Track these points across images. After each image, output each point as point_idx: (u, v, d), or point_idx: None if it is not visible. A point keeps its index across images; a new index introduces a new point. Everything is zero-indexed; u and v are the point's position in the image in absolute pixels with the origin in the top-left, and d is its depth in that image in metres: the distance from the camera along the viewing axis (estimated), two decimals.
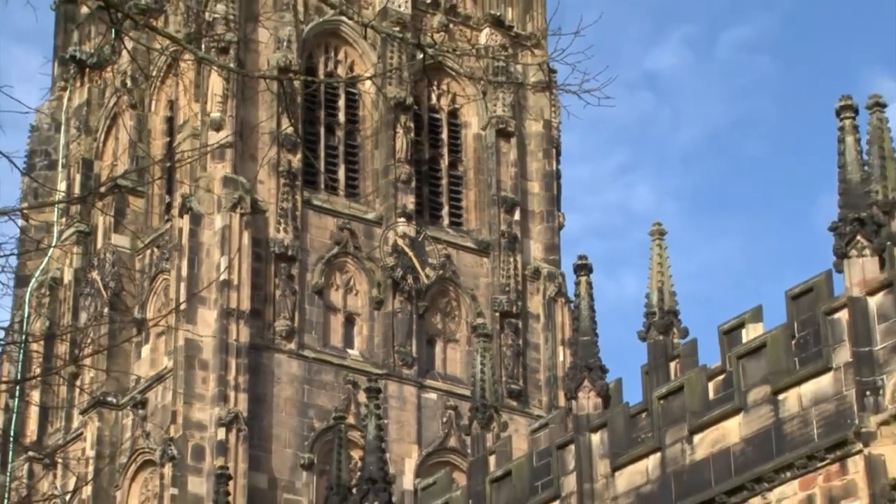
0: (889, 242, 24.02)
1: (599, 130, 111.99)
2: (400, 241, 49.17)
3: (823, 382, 23.71)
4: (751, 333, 26.15)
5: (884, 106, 26.58)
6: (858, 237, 23.73)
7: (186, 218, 47.24)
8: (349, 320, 48.86)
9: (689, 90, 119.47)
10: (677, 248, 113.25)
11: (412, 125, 50.93)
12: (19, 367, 42.39)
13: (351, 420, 43.74)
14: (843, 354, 23.44)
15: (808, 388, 23.91)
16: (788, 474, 23.83)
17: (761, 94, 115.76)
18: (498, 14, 53.63)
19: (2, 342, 25.79)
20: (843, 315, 23.61)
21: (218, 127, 47.94)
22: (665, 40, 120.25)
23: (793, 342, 24.58)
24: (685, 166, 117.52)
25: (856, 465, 23.00)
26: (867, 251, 23.65)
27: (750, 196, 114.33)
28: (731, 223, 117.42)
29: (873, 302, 23.33)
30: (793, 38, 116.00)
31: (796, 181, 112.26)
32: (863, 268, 23.59)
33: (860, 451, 22.87)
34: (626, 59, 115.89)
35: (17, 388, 47.47)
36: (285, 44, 49.39)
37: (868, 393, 22.87)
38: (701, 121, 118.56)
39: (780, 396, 24.24)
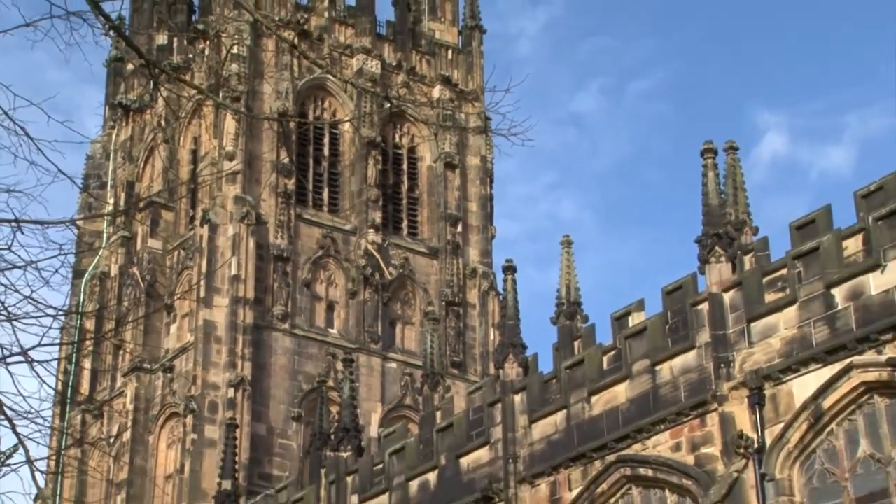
0: (739, 252, 24.18)
1: (535, 156, 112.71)
2: (370, 247, 49.21)
3: (689, 357, 23.66)
4: (635, 320, 25.99)
5: (736, 149, 26.87)
6: (716, 248, 23.73)
7: (206, 227, 47.08)
8: (330, 307, 48.82)
9: (603, 127, 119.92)
10: (592, 249, 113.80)
11: (380, 158, 50.90)
12: (75, 339, 42.24)
13: (330, 383, 43.65)
14: (704, 336, 23.40)
15: (678, 362, 23.86)
16: (662, 426, 23.74)
17: (658, 133, 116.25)
18: (447, 75, 53.82)
19: (62, 320, 25.87)
20: (704, 307, 23.58)
21: (231, 157, 47.81)
22: (586, 88, 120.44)
23: (667, 327, 24.54)
24: (599, 186, 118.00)
25: (713, 420, 22.93)
26: (723, 258, 23.68)
27: (645, 212, 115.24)
28: (631, 232, 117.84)
29: (727, 297, 23.30)
30: (685, 89, 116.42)
31: (679, 202, 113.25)
32: (719, 271, 23.59)
33: (716, 410, 22.84)
34: (556, 102, 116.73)
35: (74, 355, 47.37)
36: (283, 94, 49.30)
37: (722, 365, 22.86)
38: (611, 151, 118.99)
39: (657, 368, 24.18)
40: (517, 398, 26.77)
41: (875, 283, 20.98)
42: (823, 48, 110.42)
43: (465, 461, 27.63)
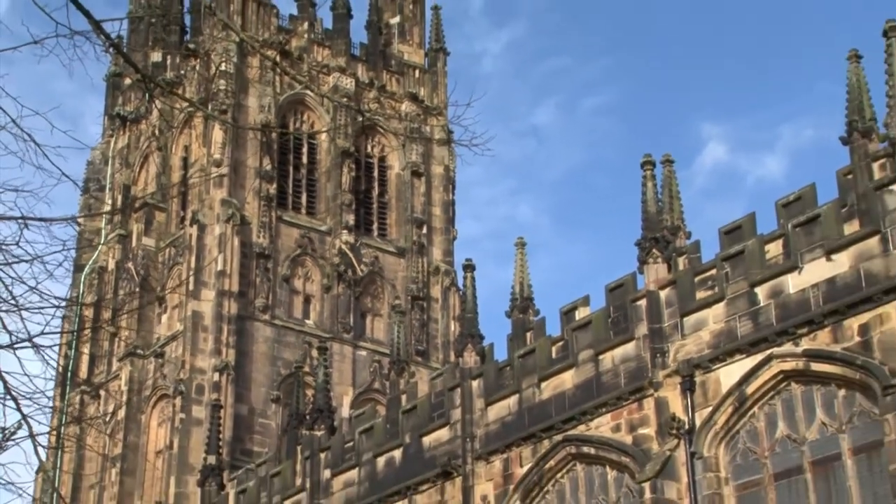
0: (674, 254, 24.25)
1: (497, 164, 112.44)
2: (343, 246, 49.20)
3: (629, 348, 23.71)
4: (581, 314, 26.00)
5: (672, 162, 26.77)
6: (654, 250, 23.81)
7: (195, 227, 46.98)
8: (307, 300, 48.78)
9: (558, 139, 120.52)
10: (546, 249, 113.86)
11: (353, 166, 50.94)
12: (76, 326, 42.07)
13: (306, 369, 43.67)
14: (642, 329, 23.47)
15: (619, 352, 23.90)
16: (604, 410, 23.75)
17: (607, 144, 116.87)
18: (414, 92, 53.94)
19: (64, 309, 25.66)
20: (642, 303, 23.65)
21: (218, 164, 47.69)
22: (543, 104, 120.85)
23: (609, 320, 24.60)
24: (553, 192, 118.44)
25: (649, 404, 23.01)
26: (659, 260, 23.75)
27: (593, 217, 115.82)
28: (580, 235, 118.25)
29: (663, 294, 23.39)
30: (634, 104, 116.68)
31: (624, 208, 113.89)
32: (656, 271, 23.67)
33: (652, 395, 22.93)
34: (516, 115, 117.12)
35: (74, 341, 47.18)
36: (266, 107, 49.19)
37: (658, 355, 22.95)
38: (565, 161, 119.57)
39: (600, 357, 24.21)
40: (475, 383, 26.80)
41: (793, 283, 21.16)
42: (761, 67, 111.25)
43: (427, 440, 27.66)
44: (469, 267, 29.37)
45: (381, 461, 28.72)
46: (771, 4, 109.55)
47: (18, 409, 11.85)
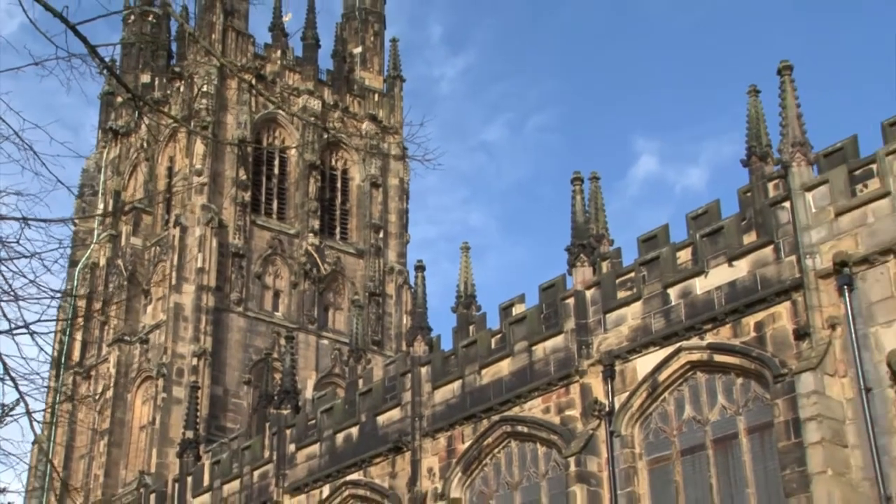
0: (598, 259, 24.21)
1: (452, 175, 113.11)
2: (309, 248, 49.20)
3: (558, 340, 23.70)
4: (517, 309, 25.91)
5: (598, 178, 26.68)
6: (581, 255, 23.88)
7: (178, 229, 46.80)
8: (276, 294, 48.68)
9: (506, 154, 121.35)
10: (493, 250, 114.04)
11: (319, 177, 50.94)
12: (70, 315, 41.70)
13: (275, 355, 43.54)
14: (570, 324, 23.47)
15: (550, 343, 23.89)
16: (536, 394, 23.79)
17: (550, 159, 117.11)
18: (373, 113, 53.99)
19: (59, 300, 25.46)
20: (571, 301, 23.67)
21: (199, 174, 47.58)
22: (494, 122, 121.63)
23: (542, 315, 24.62)
24: (501, 201, 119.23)
25: (575, 389, 23.04)
26: (586, 264, 23.81)
27: (535, 224, 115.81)
28: (523, 239, 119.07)
29: (588, 293, 23.43)
30: (575, 122, 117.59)
31: (562, 217, 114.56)
32: (583, 273, 23.72)
33: (577, 381, 22.96)
34: (469, 132, 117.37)
35: (68, 329, 46.83)
36: (243, 125, 49.11)
37: (583, 347, 22.97)
38: (512, 173, 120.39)
39: (533, 348, 24.20)
40: (423, 370, 26.78)
41: (700, 285, 21.32)
42: (688, 90, 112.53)
43: (381, 419, 27.61)
44: (420, 268, 29.37)
45: (339, 437, 28.66)
46: (695, 38, 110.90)
47: (16, 389, 11.78)
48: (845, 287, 18.80)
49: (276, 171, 51.25)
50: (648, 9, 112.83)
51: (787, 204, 20.13)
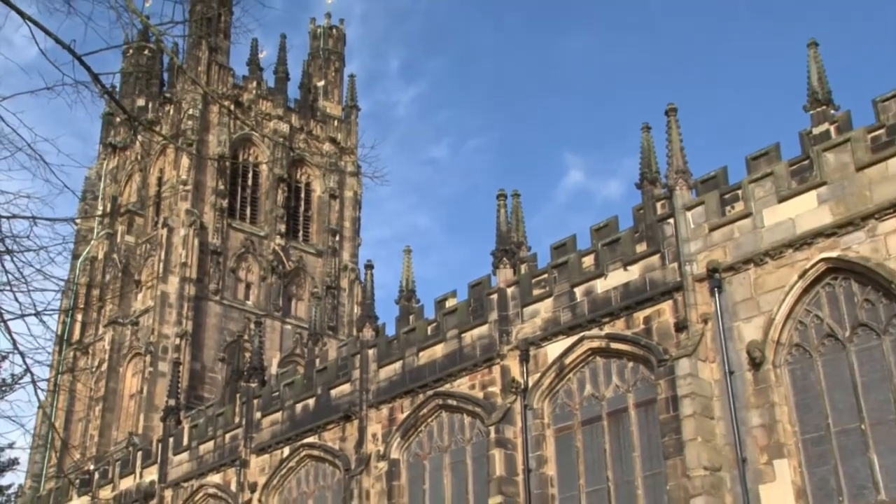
0: (518, 262, 24.26)
1: (404, 185, 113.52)
2: (276, 247, 49.02)
3: (483, 329, 23.65)
4: (450, 302, 25.86)
5: (518, 195, 26.44)
6: (504, 258, 23.87)
7: (165, 229, 46.48)
8: (248, 286, 48.36)
9: (448, 169, 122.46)
10: (436, 250, 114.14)
11: (286, 188, 50.79)
12: (72, 301, 41.17)
13: (246, 337, 43.53)
14: (493, 315, 23.43)
15: (476, 332, 23.84)
16: (464, 373, 23.74)
17: (484, 174, 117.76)
18: (333, 136, 53.94)
19: (62, 287, 24.98)
20: (494, 297, 23.63)
21: (184, 183, 47.27)
22: (439, 142, 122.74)
23: (470, 308, 24.50)
24: (444, 208, 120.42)
25: (496, 370, 23.03)
26: (507, 265, 23.79)
27: (471, 228, 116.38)
28: (461, 241, 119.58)
29: (509, 290, 23.41)
30: (509, 142, 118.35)
31: (493, 224, 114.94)
32: (505, 274, 23.68)
33: (498, 363, 22.97)
34: (420, 150, 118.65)
35: (70, 311, 46.18)
36: (223, 143, 48.87)
37: (504, 335, 22.97)
38: (454, 185, 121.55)
39: (463, 335, 24.15)
40: (370, 352, 26.63)
41: (600, 286, 21.42)
42: (608, 113, 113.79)
43: (334, 392, 27.47)
44: (369, 266, 29.27)
45: (299, 407, 28.46)
46: (614, 73, 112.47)
47: (24, 362, 11.58)
48: (715, 289, 19.06)
49: (250, 182, 50.97)
50: (569, 55, 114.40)
51: (671, 220, 20.33)
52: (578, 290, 21.85)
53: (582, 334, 21.41)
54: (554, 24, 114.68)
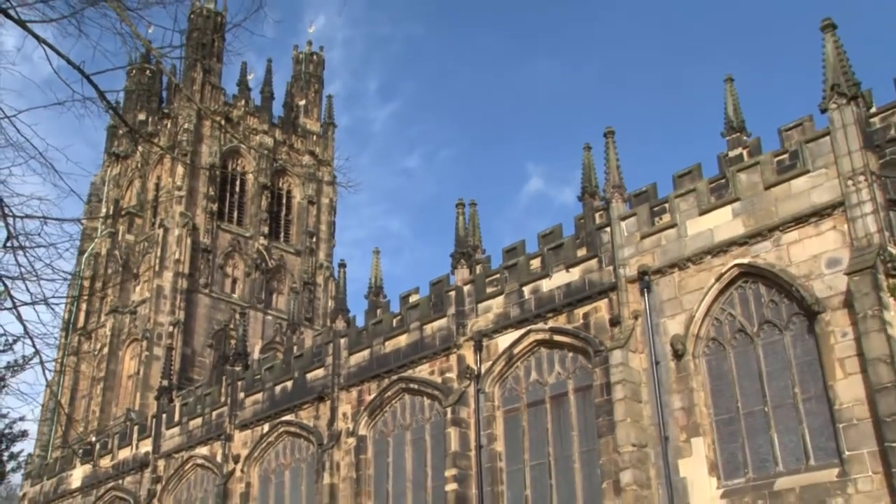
0: (474, 263, 24.18)
1: (379, 192, 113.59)
2: (260, 247, 48.63)
3: (442, 322, 23.54)
4: (413, 298, 25.72)
5: (475, 204, 26.32)
6: (461, 260, 23.84)
7: (162, 230, 45.98)
8: (234, 281, 47.88)
9: (421, 177, 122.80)
10: (406, 250, 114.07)
11: (269, 195, 50.44)
12: (77, 292, 40.55)
13: (232, 326, 43.08)
14: (451, 310, 23.37)
15: (436, 324, 23.74)
16: (424, 361, 23.66)
17: (454, 181, 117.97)
18: (312, 149, 53.55)
19: (69, 280, 24.59)
20: (452, 293, 23.51)
21: (179, 189, 46.77)
22: (412, 154, 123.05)
23: (431, 303, 24.44)
24: (416, 213, 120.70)
25: (453, 358, 22.93)
26: (464, 266, 23.75)
27: (438, 232, 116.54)
28: (428, 243, 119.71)
29: (466, 288, 23.33)
30: (476, 154, 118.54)
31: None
32: (462, 273, 23.66)
33: (455, 352, 22.91)
34: (394, 161, 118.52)
35: (75, 301, 45.54)
36: (214, 154, 48.43)
37: (461, 327, 22.91)
38: (426, 191, 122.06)
39: (424, 326, 24.01)
40: (342, 340, 26.47)
41: (545, 285, 21.46)
42: (565, 124, 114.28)
43: (309, 375, 27.29)
44: (342, 265, 29.16)
45: (278, 388, 28.25)
46: (571, 93, 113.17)
47: (33, 345, 11.46)
48: (645, 289, 19.20)
49: (238, 189, 50.52)
50: (532, 76, 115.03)
51: (608, 229, 20.46)
52: (526, 289, 21.88)
53: (529, 328, 21.41)
54: (520, 48, 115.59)
